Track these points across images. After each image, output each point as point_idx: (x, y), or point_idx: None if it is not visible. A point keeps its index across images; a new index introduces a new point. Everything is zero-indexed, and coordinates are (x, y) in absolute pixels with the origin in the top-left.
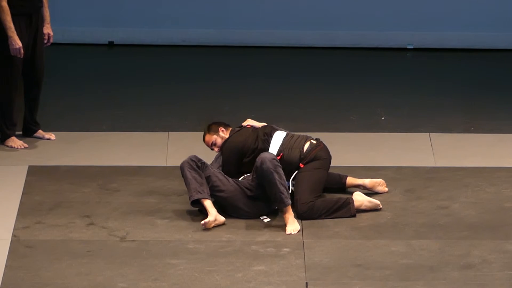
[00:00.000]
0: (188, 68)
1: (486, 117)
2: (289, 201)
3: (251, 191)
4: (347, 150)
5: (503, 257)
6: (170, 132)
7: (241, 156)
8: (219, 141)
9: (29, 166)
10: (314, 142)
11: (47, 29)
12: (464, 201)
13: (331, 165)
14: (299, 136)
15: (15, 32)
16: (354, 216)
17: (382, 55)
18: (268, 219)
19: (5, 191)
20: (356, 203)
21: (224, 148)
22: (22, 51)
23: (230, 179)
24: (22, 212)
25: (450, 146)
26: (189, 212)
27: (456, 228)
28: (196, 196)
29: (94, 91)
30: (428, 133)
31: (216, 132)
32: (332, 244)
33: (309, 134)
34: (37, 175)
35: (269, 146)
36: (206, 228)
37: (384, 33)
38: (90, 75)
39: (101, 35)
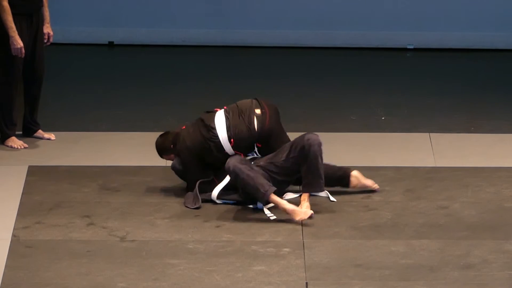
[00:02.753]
0: (188, 68)
1: (486, 117)
2: (324, 188)
3: (278, 174)
4: (347, 150)
5: (503, 257)
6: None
7: (199, 158)
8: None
9: (29, 166)
10: (259, 112)
11: (47, 29)
12: (464, 201)
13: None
14: (240, 110)
15: (16, 32)
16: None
17: (382, 55)
18: (274, 217)
19: (5, 191)
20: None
21: (180, 157)
22: (23, 51)
23: (256, 168)
24: (22, 212)
25: (450, 146)
26: (189, 212)
27: (456, 228)
28: (271, 190)
29: (94, 91)
30: (428, 133)
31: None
32: (332, 244)
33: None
34: (37, 175)
35: (219, 140)
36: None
37: (384, 33)
38: (90, 75)
39: (101, 35)
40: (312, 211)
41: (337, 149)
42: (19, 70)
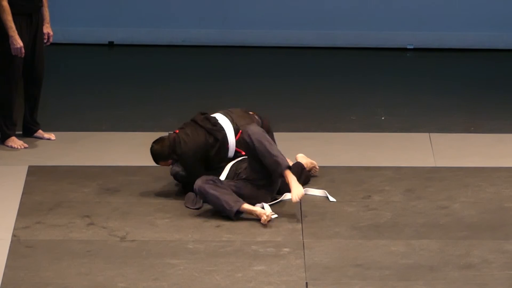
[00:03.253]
0: (188, 68)
1: (486, 117)
2: (287, 162)
3: (259, 180)
4: (347, 150)
5: (503, 257)
6: (170, 133)
7: (201, 159)
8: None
9: (29, 166)
10: (252, 112)
11: (47, 29)
12: (464, 201)
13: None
14: (234, 111)
15: (16, 32)
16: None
17: (382, 55)
18: (275, 215)
19: (5, 191)
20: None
21: (183, 160)
22: (23, 50)
23: (234, 182)
24: (22, 212)
25: (450, 146)
26: (189, 212)
27: (456, 228)
28: (237, 206)
29: (94, 91)
30: (428, 133)
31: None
32: (332, 244)
33: (309, 134)
34: (37, 175)
35: (225, 131)
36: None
37: (384, 33)
38: (90, 75)
39: (101, 35)
40: (301, 192)
41: (337, 149)
42: (19, 70)
